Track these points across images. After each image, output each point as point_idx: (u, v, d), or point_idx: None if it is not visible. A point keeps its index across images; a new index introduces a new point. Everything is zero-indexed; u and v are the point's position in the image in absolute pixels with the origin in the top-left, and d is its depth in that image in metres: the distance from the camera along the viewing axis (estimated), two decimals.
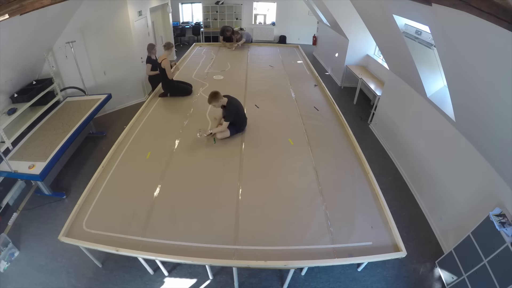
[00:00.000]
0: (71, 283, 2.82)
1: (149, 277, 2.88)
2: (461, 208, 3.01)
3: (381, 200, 2.77)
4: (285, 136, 3.73)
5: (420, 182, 3.91)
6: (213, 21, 11.46)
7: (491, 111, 2.16)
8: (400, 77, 4.45)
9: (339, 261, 2.25)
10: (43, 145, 3.73)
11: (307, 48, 9.65)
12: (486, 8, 1.41)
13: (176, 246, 2.33)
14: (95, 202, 2.73)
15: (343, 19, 6.46)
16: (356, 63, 7.06)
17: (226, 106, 3.51)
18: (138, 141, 3.60)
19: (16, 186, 3.86)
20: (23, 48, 3.77)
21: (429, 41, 2.98)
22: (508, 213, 2.28)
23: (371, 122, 5.66)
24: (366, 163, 3.23)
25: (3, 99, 3.87)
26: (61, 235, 2.38)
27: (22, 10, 2.66)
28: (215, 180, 2.99)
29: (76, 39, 4.75)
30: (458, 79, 2.47)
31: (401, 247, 2.32)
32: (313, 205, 2.74)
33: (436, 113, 3.49)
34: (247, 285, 2.86)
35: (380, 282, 2.91)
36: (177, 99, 4.67)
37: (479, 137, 2.66)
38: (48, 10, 3.21)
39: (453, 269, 2.69)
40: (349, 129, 3.88)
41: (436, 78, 3.52)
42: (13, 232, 3.33)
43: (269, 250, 2.32)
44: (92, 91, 5.29)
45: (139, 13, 6.13)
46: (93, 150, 4.78)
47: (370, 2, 3.67)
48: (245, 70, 6.00)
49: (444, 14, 1.97)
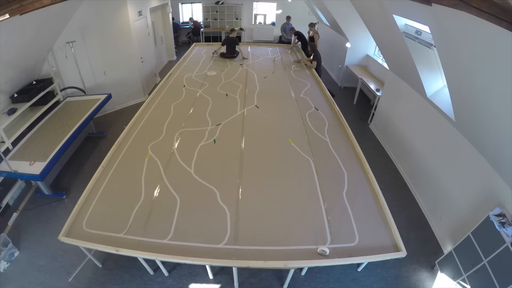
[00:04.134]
0: (71, 283, 2.82)
1: (149, 277, 2.88)
2: (461, 208, 3.01)
3: (381, 200, 2.77)
4: (285, 136, 3.73)
5: (420, 182, 3.91)
6: (213, 21, 11.46)
7: (491, 111, 2.16)
8: (400, 77, 4.45)
9: (339, 261, 2.25)
10: (43, 145, 3.73)
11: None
12: (486, 8, 1.41)
13: (176, 246, 2.33)
14: (95, 202, 2.73)
15: (343, 19, 6.46)
16: (356, 63, 7.06)
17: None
18: (138, 141, 3.60)
19: (16, 186, 3.86)
20: (23, 48, 3.77)
21: (429, 41, 2.98)
22: (508, 213, 2.28)
23: (371, 122, 5.66)
24: (366, 163, 3.23)
25: (3, 99, 3.87)
26: (61, 235, 2.38)
27: (22, 10, 2.66)
28: (215, 180, 2.99)
29: (76, 39, 4.75)
30: (458, 79, 2.47)
31: (401, 247, 2.32)
32: (313, 205, 2.74)
33: (436, 113, 3.49)
34: (247, 285, 2.86)
35: (380, 282, 2.91)
36: (177, 99, 4.67)
37: (479, 137, 2.66)
38: (48, 10, 3.21)
39: (453, 269, 2.69)
40: (349, 129, 3.88)
41: (436, 78, 3.52)
42: (13, 232, 3.33)
43: (269, 250, 2.32)
44: (92, 91, 5.29)
45: (139, 13, 6.13)
46: (93, 150, 4.78)
47: (370, 2, 3.67)
48: (245, 70, 6.01)
49: (444, 14, 1.97)
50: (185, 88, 5.07)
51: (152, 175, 3.04)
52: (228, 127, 3.92)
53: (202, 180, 2.99)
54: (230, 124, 3.99)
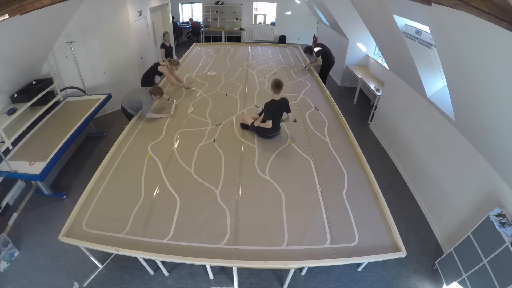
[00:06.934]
0: (71, 283, 2.82)
1: (149, 277, 2.88)
2: (461, 208, 3.01)
3: (381, 200, 2.77)
4: (285, 136, 3.73)
5: (420, 182, 3.90)
6: (213, 21, 11.46)
7: (491, 111, 2.16)
8: (400, 77, 4.45)
9: (339, 261, 2.25)
10: (43, 145, 3.73)
11: None
12: (486, 8, 1.41)
13: (176, 246, 2.34)
14: (95, 202, 2.73)
15: (343, 19, 6.46)
16: (356, 63, 7.06)
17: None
18: (138, 141, 3.60)
19: (16, 186, 3.86)
20: (23, 48, 3.77)
21: (429, 41, 2.98)
22: (508, 213, 2.28)
23: (371, 122, 5.66)
24: (366, 163, 3.23)
25: (3, 99, 3.87)
26: (61, 235, 2.38)
27: (22, 10, 2.66)
28: (215, 180, 2.99)
29: (76, 39, 4.75)
30: (458, 79, 2.47)
31: (401, 247, 2.32)
32: (313, 205, 2.74)
33: (436, 113, 3.49)
34: (247, 285, 2.86)
35: (380, 282, 2.91)
36: (177, 99, 4.66)
37: (479, 137, 2.66)
38: (48, 10, 3.20)
39: (453, 269, 2.69)
40: (349, 129, 3.88)
41: (436, 78, 3.52)
42: (13, 232, 3.33)
43: (269, 250, 2.32)
44: (92, 91, 5.29)
45: (139, 13, 6.13)
46: (93, 150, 4.78)
47: (370, 2, 3.67)
48: (245, 70, 6.01)
49: (444, 14, 1.97)
50: (185, 88, 5.07)
51: (152, 175, 3.04)
52: (228, 127, 3.92)
53: (202, 180, 2.99)
54: (230, 124, 3.99)
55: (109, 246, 2.28)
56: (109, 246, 2.28)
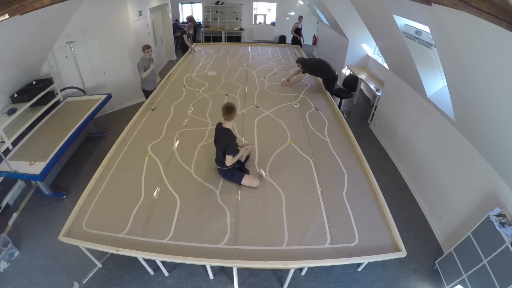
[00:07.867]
0: (71, 283, 2.82)
1: (149, 277, 2.88)
2: (461, 208, 3.01)
3: (381, 200, 2.77)
4: (285, 136, 3.73)
5: (420, 182, 3.90)
6: (213, 21, 11.46)
7: (491, 111, 2.16)
8: (400, 77, 4.45)
9: (339, 261, 2.25)
10: (43, 145, 3.73)
11: (307, 48, 9.66)
12: (486, 8, 1.42)
13: (176, 246, 2.33)
14: (95, 202, 2.73)
15: (343, 19, 6.47)
16: (356, 63, 7.06)
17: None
18: (138, 141, 3.60)
19: (16, 186, 3.86)
20: (23, 48, 3.77)
21: (429, 41, 2.98)
22: (508, 213, 2.28)
23: (371, 122, 5.66)
24: (366, 163, 3.23)
25: (3, 99, 3.87)
26: (61, 235, 2.38)
27: (22, 10, 2.67)
28: (215, 180, 2.99)
29: (76, 39, 4.75)
30: (458, 79, 2.47)
31: (401, 247, 2.32)
32: (313, 205, 2.74)
33: (436, 113, 3.49)
34: (247, 285, 2.85)
35: (380, 282, 2.91)
36: (177, 99, 4.66)
37: (479, 137, 2.66)
38: (48, 10, 3.20)
39: (453, 269, 2.69)
40: (349, 129, 3.88)
41: (436, 78, 3.52)
42: (13, 232, 3.33)
43: (269, 250, 2.32)
44: (92, 91, 5.29)
45: (139, 13, 6.13)
46: (93, 150, 4.78)
47: (370, 2, 3.67)
48: (245, 70, 6.01)
49: (444, 14, 1.97)
50: (185, 88, 5.07)
51: (152, 175, 3.04)
52: None
53: (202, 180, 2.99)
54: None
55: (109, 246, 2.27)
56: (109, 246, 2.28)
